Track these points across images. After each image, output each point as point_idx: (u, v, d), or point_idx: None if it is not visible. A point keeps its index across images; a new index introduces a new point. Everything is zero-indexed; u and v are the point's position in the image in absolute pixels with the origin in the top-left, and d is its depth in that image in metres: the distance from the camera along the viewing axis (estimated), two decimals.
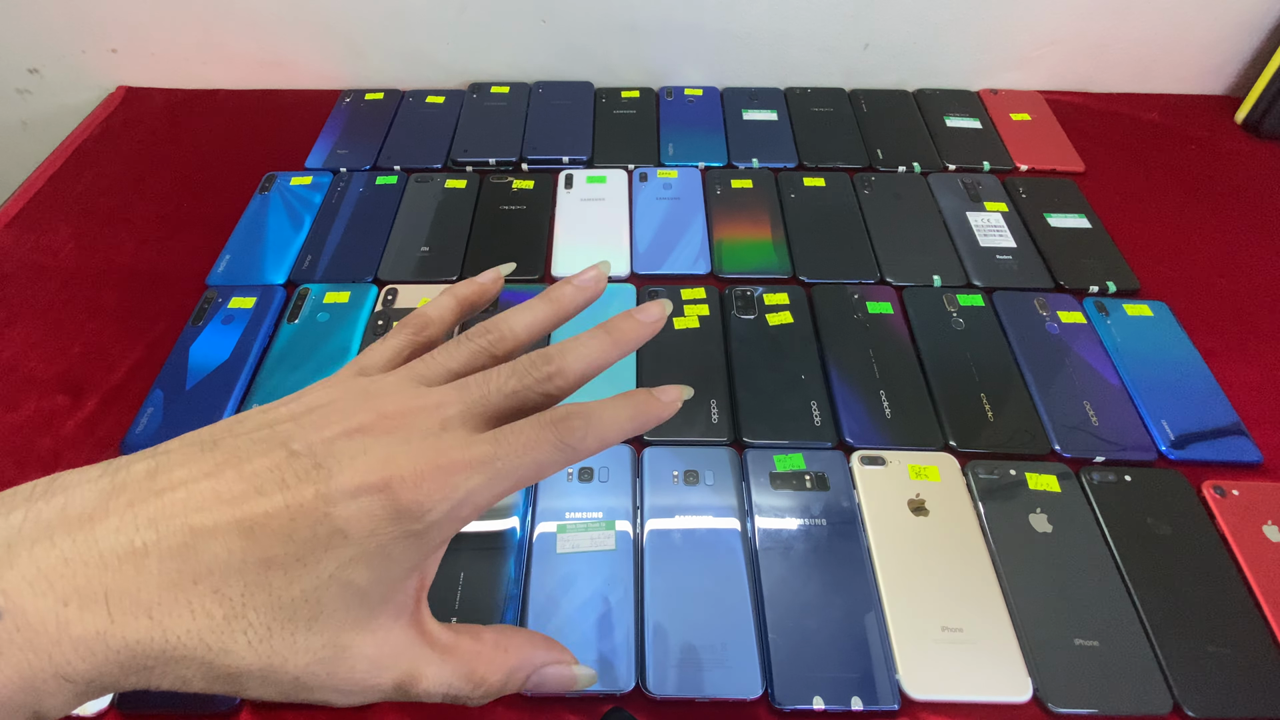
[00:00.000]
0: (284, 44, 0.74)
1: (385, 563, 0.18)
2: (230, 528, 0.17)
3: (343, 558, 0.18)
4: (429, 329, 0.26)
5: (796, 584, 0.41)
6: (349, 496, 0.18)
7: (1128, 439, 0.48)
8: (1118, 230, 0.62)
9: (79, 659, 0.16)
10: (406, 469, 0.18)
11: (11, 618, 0.15)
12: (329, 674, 0.18)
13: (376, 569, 0.18)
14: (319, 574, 0.18)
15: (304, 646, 0.18)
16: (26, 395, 0.50)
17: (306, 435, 0.19)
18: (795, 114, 0.73)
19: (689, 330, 0.53)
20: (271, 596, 0.17)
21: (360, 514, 0.18)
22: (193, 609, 0.17)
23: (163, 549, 0.17)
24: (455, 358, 0.23)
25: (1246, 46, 0.74)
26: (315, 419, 0.19)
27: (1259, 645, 0.39)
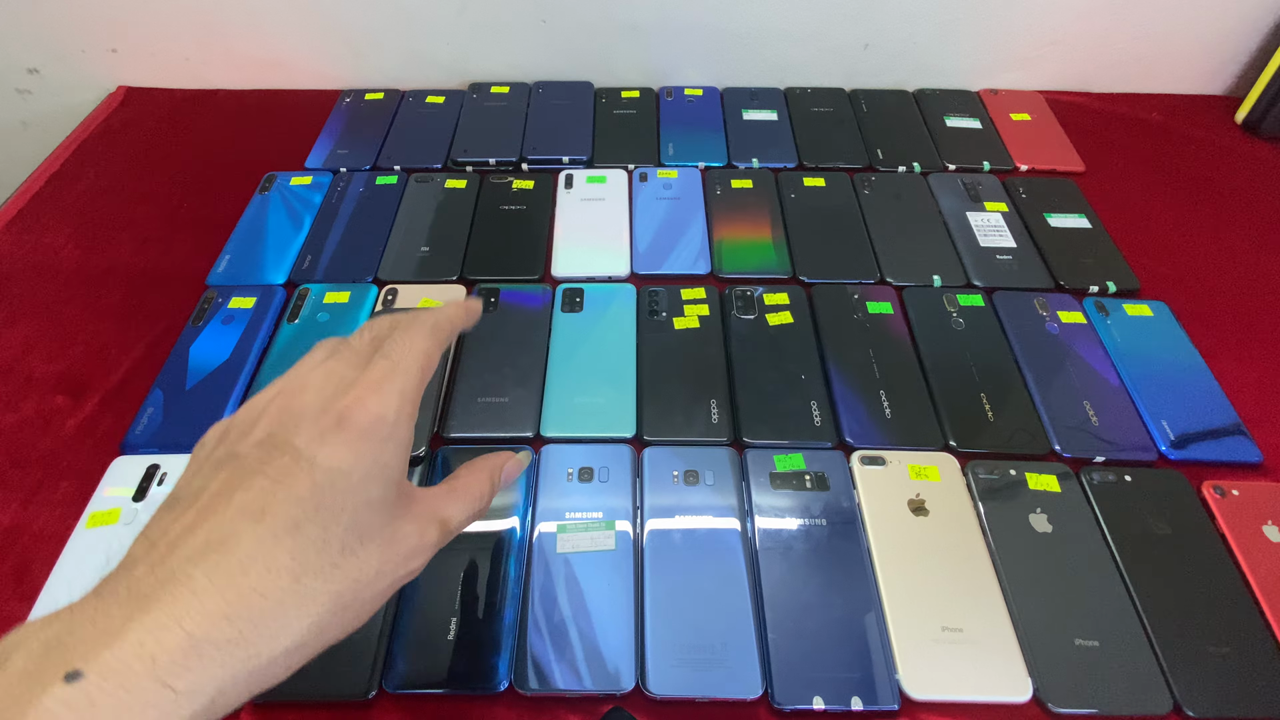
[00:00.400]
0: (284, 44, 0.74)
1: (384, 470, 0.22)
2: (240, 517, 0.20)
3: (353, 481, 0.21)
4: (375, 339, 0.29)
5: (796, 584, 0.41)
6: (318, 443, 0.22)
7: (1128, 439, 0.48)
8: (1118, 230, 0.62)
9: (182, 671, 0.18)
10: (347, 400, 0.23)
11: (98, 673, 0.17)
12: (396, 557, 0.22)
13: (380, 478, 0.22)
14: (344, 506, 0.21)
15: (367, 557, 0.22)
16: (26, 395, 0.50)
17: (258, 426, 0.23)
18: (795, 114, 0.73)
19: (689, 330, 0.53)
20: (318, 548, 0.20)
21: (341, 447, 0.22)
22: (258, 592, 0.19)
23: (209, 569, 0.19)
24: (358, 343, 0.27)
25: (1246, 46, 0.74)
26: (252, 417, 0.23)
27: (1259, 645, 0.39)
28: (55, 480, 0.46)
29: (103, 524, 0.43)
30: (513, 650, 0.38)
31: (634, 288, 0.56)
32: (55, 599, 0.40)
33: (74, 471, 0.46)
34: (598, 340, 0.53)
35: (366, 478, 0.22)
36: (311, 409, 0.22)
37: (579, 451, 0.47)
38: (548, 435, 0.48)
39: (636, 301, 0.55)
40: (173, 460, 0.46)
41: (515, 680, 0.38)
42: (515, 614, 0.40)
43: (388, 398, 0.23)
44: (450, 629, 0.39)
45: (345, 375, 0.24)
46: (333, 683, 0.37)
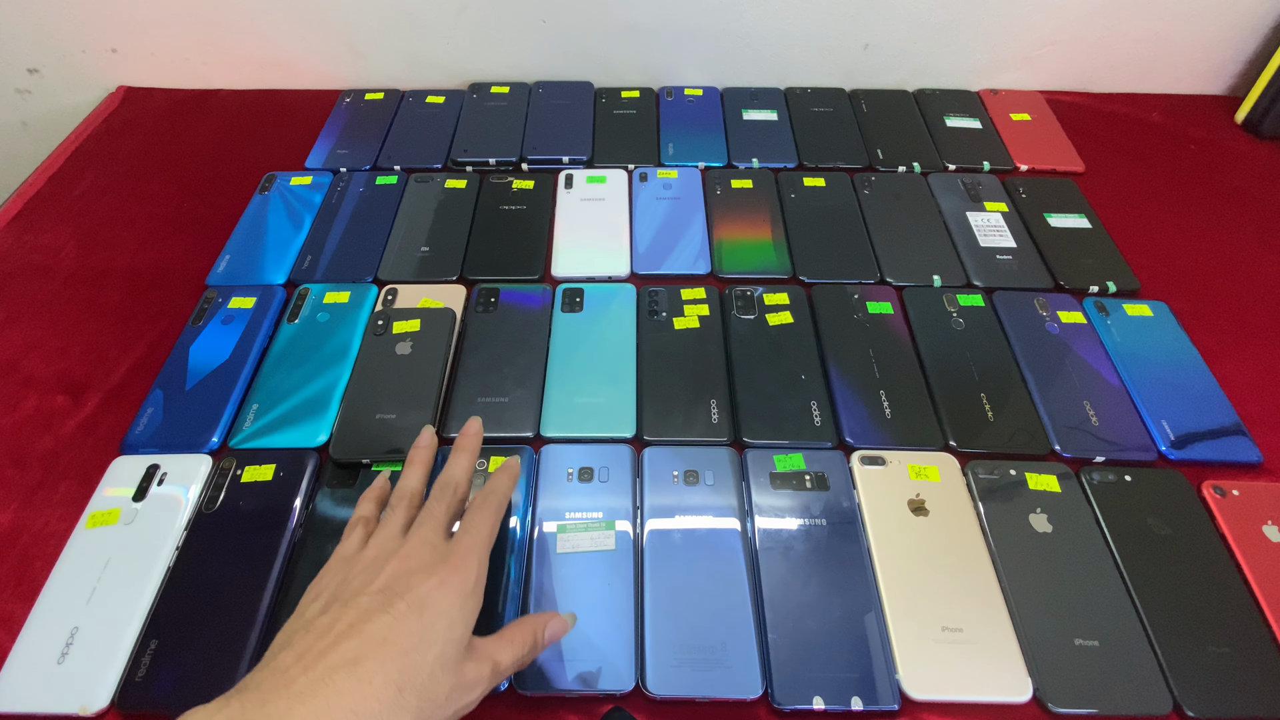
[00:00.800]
0: (284, 44, 0.74)
1: (465, 616, 0.30)
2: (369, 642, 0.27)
3: (447, 624, 0.29)
4: (415, 498, 0.36)
5: (796, 584, 0.41)
6: (426, 596, 0.29)
7: (1128, 439, 0.48)
8: (1118, 230, 0.62)
9: None
10: (446, 569, 0.31)
11: None
12: (461, 687, 0.29)
13: (461, 624, 0.30)
14: (436, 643, 0.28)
15: (443, 682, 0.28)
16: (26, 395, 0.50)
17: (375, 581, 0.30)
18: (795, 114, 0.73)
19: (689, 330, 0.53)
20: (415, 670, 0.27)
21: (441, 600, 0.29)
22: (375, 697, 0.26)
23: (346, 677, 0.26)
24: (436, 519, 0.34)
25: (1246, 46, 0.74)
26: (373, 569, 0.31)
27: (1259, 645, 0.39)
28: (55, 480, 0.46)
29: (103, 524, 0.43)
30: None
31: (634, 288, 0.56)
32: (55, 599, 0.40)
33: (74, 471, 0.46)
34: (598, 340, 0.53)
35: (453, 624, 0.29)
36: (419, 571, 0.30)
37: (579, 451, 0.47)
38: (548, 435, 0.48)
39: (636, 301, 0.55)
40: (173, 460, 0.46)
41: (515, 680, 0.38)
42: (515, 614, 0.40)
43: (470, 568, 0.31)
44: None
45: (437, 545, 0.32)
46: None
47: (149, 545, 0.42)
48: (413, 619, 0.28)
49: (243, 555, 0.42)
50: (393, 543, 0.32)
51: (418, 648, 0.27)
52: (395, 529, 0.33)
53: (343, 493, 0.45)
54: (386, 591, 0.29)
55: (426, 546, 0.31)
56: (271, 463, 0.46)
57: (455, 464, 0.36)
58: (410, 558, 0.31)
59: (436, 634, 0.28)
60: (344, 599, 0.29)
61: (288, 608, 0.40)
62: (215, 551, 0.42)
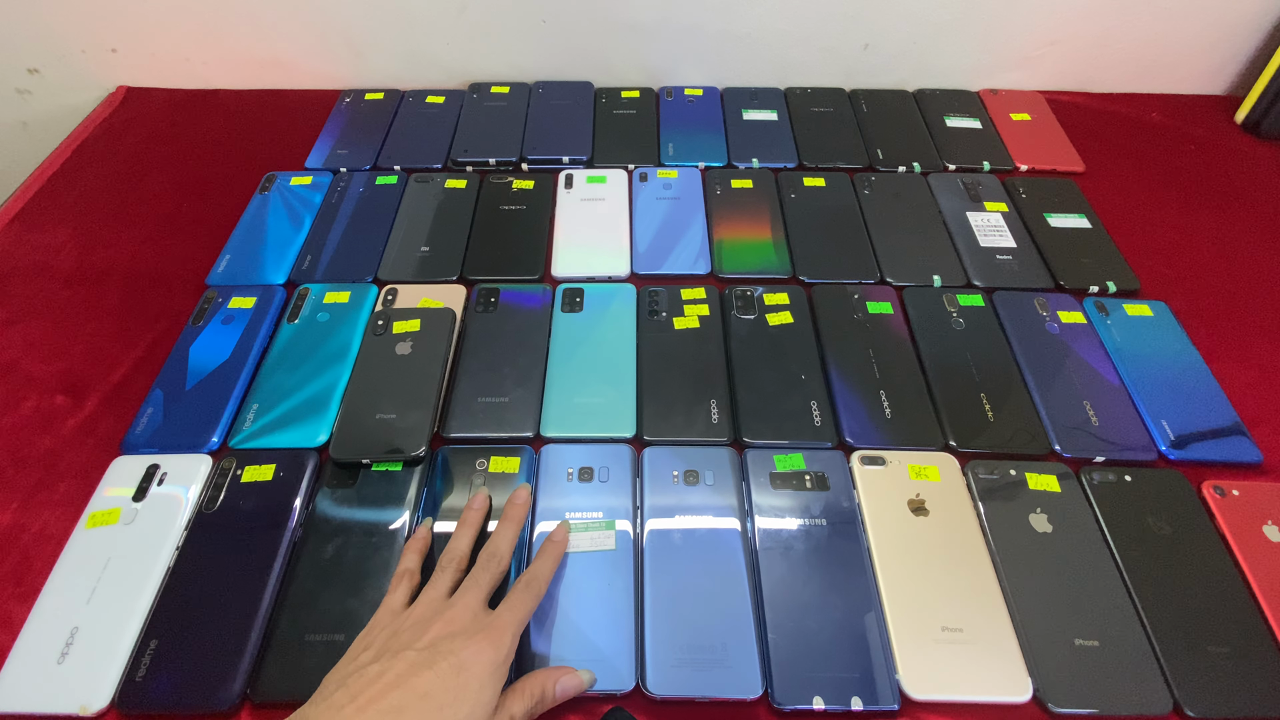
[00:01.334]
0: (284, 44, 0.74)
1: (495, 683, 0.33)
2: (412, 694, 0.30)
3: (478, 687, 0.32)
4: (462, 560, 0.39)
5: (796, 584, 0.41)
6: (465, 658, 0.32)
7: (1128, 439, 0.48)
8: (1118, 230, 0.62)
9: None
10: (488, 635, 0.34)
11: None
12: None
13: (491, 689, 0.33)
14: (470, 699, 0.32)
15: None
16: (26, 395, 0.50)
17: (422, 639, 0.33)
18: (795, 114, 0.73)
19: (689, 330, 0.53)
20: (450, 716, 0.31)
21: (478, 665, 0.32)
22: None
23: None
24: (481, 587, 0.37)
25: (1246, 46, 0.74)
26: (421, 628, 0.34)
27: (1259, 645, 0.39)
28: (55, 480, 0.46)
29: (103, 524, 0.43)
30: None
31: (634, 288, 0.56)
32: (55, 599, 0.40)
33: (74, 471, 0.46)
34: (598, 340, 0.53)
35: (483, 687, 0.32)
36: (462, 633, 0.33)
37: (579, 451, 0.47)
38: (548, 435, 0.48)
39: (636, 301, 0.55)
40: (173, 460, 0.46)
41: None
42: None
43: (506, 641, 0.34)
44: None
45: (479, 615, 0.35)
46: None
47: (149, 545, 0.42)
48: (451, 678, 0.31)
49: (243, 555, 0.42)
50: (439, 604, 0.36)
51: (452, 704, 0.31)
52: (443, 591, 0.37)
53: (343, 493, 0.45)
54: (431, 650, 0.32)
55: (469, 613, 0.35)
56: (271, 463, 0.46)
57: (501, 536, 0.40)
58: (454, 621, 0.34)
59: (469, 694, 0.32)
60: (393, 651, 0.33)
61: (288, 607, 0.40)
62: (215, 551, 0.42)
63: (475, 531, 0.41)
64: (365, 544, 0.42)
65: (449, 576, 0.37)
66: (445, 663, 0.32)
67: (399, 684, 0.31)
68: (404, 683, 0.31)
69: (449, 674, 0.31)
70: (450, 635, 0.33)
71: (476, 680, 0.32)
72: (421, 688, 0.31)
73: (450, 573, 0.38)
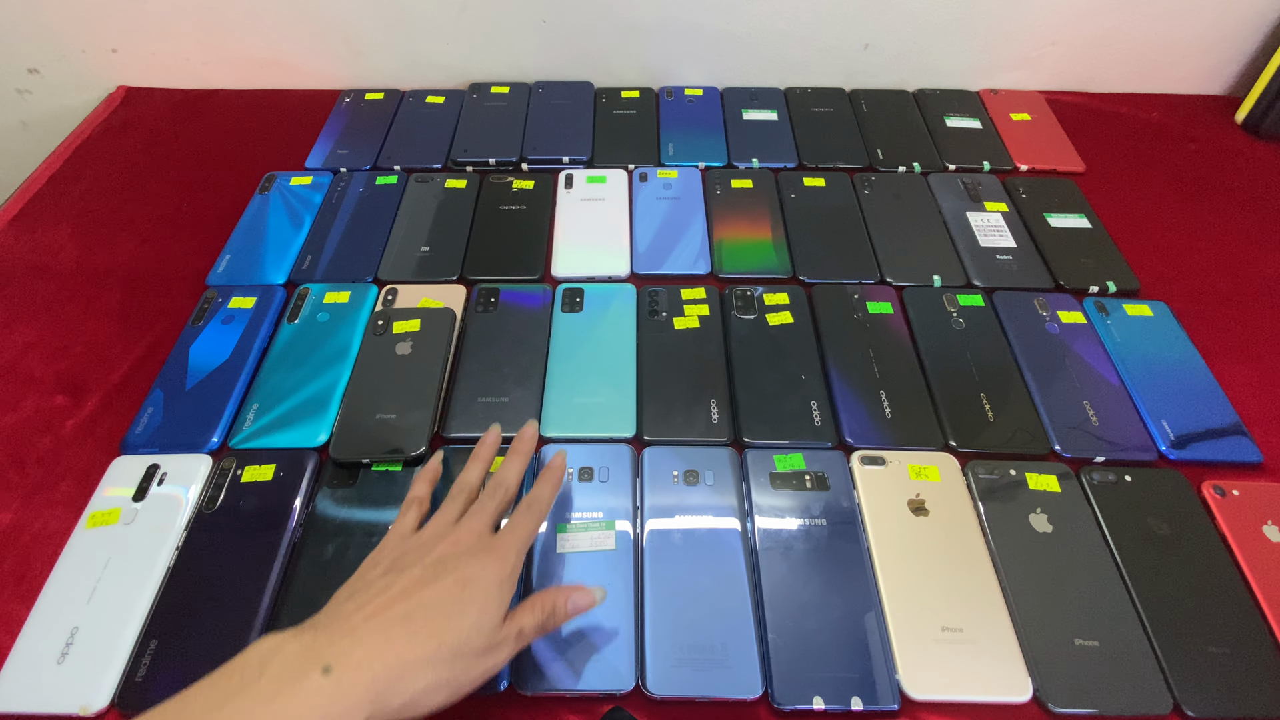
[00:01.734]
0: (284, 44, 0.74)
1: (501, 597, 0.34)
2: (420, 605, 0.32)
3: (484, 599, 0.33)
4: (473, 491, 0.39)
5: (796, 584, 0.41)
6: (472, 572, 0.33)
7: (1128, 439, 0.48)
8: (1118, 230, 0.62)
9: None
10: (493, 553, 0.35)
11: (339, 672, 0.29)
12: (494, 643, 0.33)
13: (496, 601, 0.33)
14: (477, 609, 0.33)
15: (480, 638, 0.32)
16: (26, 395, 0.50)
17: (429, 557, 0.34)
18: (795, 114, 0.73)
19: (689, 330, 0.53)
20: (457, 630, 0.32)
21: (482, 577, 0.33)
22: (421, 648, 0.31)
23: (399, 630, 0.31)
24: (487, 513, 0.37)
25: (1246, 46, 0.74)
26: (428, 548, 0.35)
27: (1259, 645, 0.39)
28: (55, 480, 0.46)
29: (103, 524, 0.43)
30: None
31: (634, 288, 0.56)
32: (55, 599, 0.40)
33: (74, 471, 0.46)
34: (598, 340, 0.53)
35: (489, 599, 0.33)
36: (467, 552, 0.34)
37: (579, 451, 0.47)
38: (548, 435, 0.48)
39: (636, 301, 0.55)
40: (173, 460, 0.46)
41: (515, 680, 0.38)
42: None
43: (510, 558, 0.35)
44: None
45: (484, 536, 0.36)
46: None
47: (149, 545, 0.42)
48: (457, 591, 0.32)
49: (243, 555, 0.42)
50: (446, 528, 0.36)
51: (458, 615, 0.32)
52: (450, 517, 0.37)
53: (343, 493, 0.45)
54: (437, 565, 0.33)
55: (474, 535, 0.36)
56: (271, 463, 0.46)
57: (508, 466, 0.40)
58: (459, 543, 0.35)
59: (474, 605, 0.32)
60: (400, 568, 0.33)
61: (288, 607, 0.40)
62: (215, 551, 0.42)
63: (486, 465, 0.41)
64: (365, 544, 0.42)
65: (458, 504, 0.38)
66: (450, 577, 0.33)
67: (405, 596, 0.32)
68: (411, 595, 0.32)
69: (454, 587, 0.32)
70: (455, 554, 0.34)
71: (481, 592, 0.33)
72: (428, 599, 0.32)
73: (460, 501, 0.38)
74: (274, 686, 0.27)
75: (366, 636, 0.30)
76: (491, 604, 0.33)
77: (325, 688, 0.28)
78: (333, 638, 0.30)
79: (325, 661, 0.28)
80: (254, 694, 0.27)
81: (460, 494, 0.39)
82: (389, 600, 0.31)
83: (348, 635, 0.30)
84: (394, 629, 0.30)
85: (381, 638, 0.30)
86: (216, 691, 0.28)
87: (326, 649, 0.29)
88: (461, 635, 0.31)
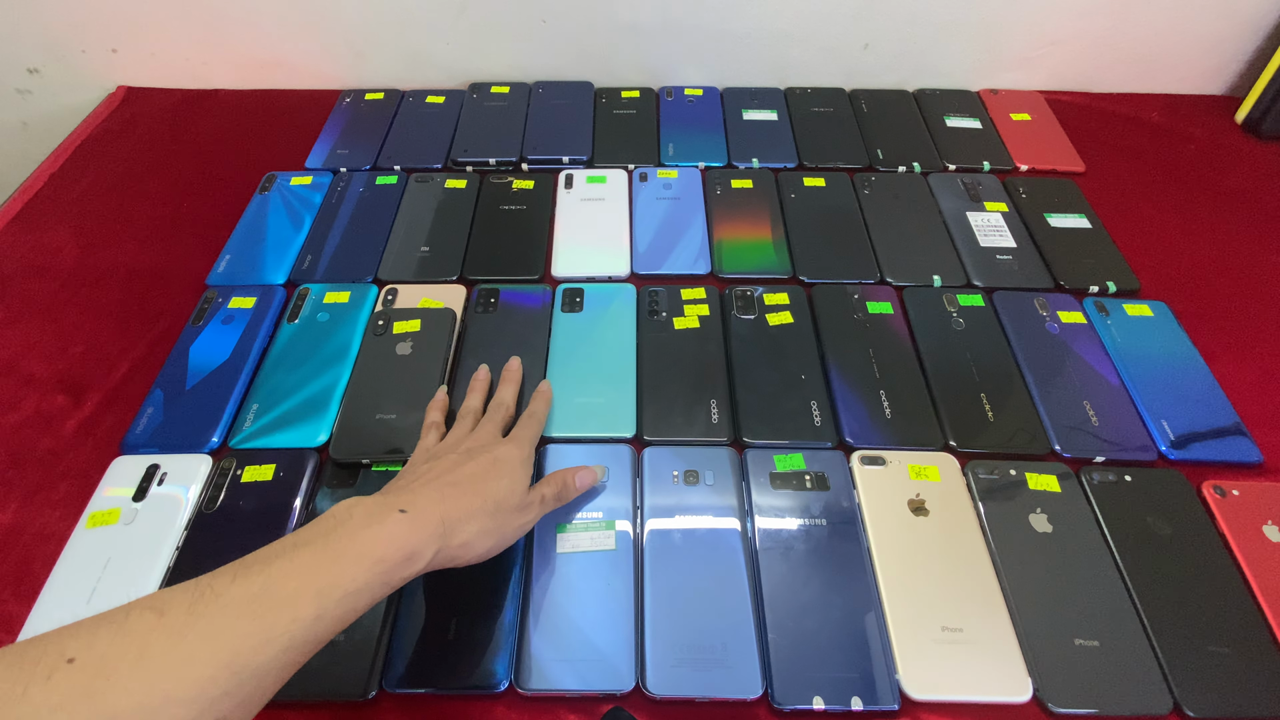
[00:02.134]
0: (284, 44, 0.74)
1: (524, 471, 0.41)
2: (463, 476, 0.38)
3: (511, 469, 0.40)
4: (477, 413, 0.46)
5: (796, 584, 0.41)
6: (499, 451, 0.40)
7: (1128, 439, 0.48)
8: (1118, 230, 0.62)
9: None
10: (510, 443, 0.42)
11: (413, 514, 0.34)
12: (524, 504, 0.39)
13: (522, 472, 0.40)
14: (508, 476, 0.39)
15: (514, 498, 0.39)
16: (26, 395, 0.50)
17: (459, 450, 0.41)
18: (795, 114, 0.73)
19: (689, 330, 0.53)
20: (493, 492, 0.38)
21: (507, 455, 0.40)
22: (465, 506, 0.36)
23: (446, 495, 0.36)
24: (495, 421, 0.45)
25: (1246, 47, 0.74)
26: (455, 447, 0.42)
27: (1259, 645, 0.39)
28: (55, 480, 0.46)
29: (103, 524, 0.43)
30: (513, 650, 0.38)
31: (634, 288, 0.56)
32: (55, 599, 0.40)
33: (74, 471, 0.46)
34: (598, 340, 0.53)
35: (515, 469, 0.40)
36: (491, 442, 0.42)
37: (579, 451, 0.47)
38: (548, 435, 0.48)
39: (636, 301, 0.55)
40: (173, 460, 0.46)
41: (515, 680, 0.38)
42: (515, 614, 0.40)
43: (525, 445, 0.42)
44: (450, 629, 0.39)
45: (497, 435, 0.44)
46: (333, 683, 0.37)
47: (149, 545, 0.42)
48: (490, 465, 0.39)
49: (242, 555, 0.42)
50: (464, 436, 0.43)
51: (495, 480, 0.38)
52: (465, 429, 0.44)
53: (343, 493, 0.45)
54: (468, 453, 0.40)
55: (490, 435, 0.43)
56: (271, 463, 0.46)
57: (504, 391, 0.47)
58: (480, 439, 0.42)
59: (507, 474, 0.39)
60: (437, 458, 0.40)
61: None
62: (215, 551, 0.42)
63: (484, 393, 0.48)
64: None
65: (468, 421, 0.45)
66: (484, 456, 0.39)
67: (450, 470, 0.38)
68: (454, 470, 0.38)
69: (488, 463, 0.39)
70: (481, 445, 0.41)
71: (509, 466, 0.39)
72: (469, 470, 0.38)
73: (469, 420, 0.45)
74: (363, 522, 0.32)
75: (428, 494, 0.36)
76: (519, 474, 0.40)
77: (404, 522, 0.33)
78: (401, 495, 0.35)
79: (401, 506, 0.34)
80: (348, 528, 0.32)
81: (467, 415, 0.45)
82: (438, 474, 0.38)
83: (413, 493, 0.36)
84: (447, 490, 0.36)
85: (439, 494, 0.36)
86: (316, 529, 0.32)
87: (399, 500, 0.34)
88: (500, 494, 0.38)
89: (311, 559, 0.30)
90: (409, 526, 0.33)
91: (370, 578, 0.31)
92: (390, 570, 0.32)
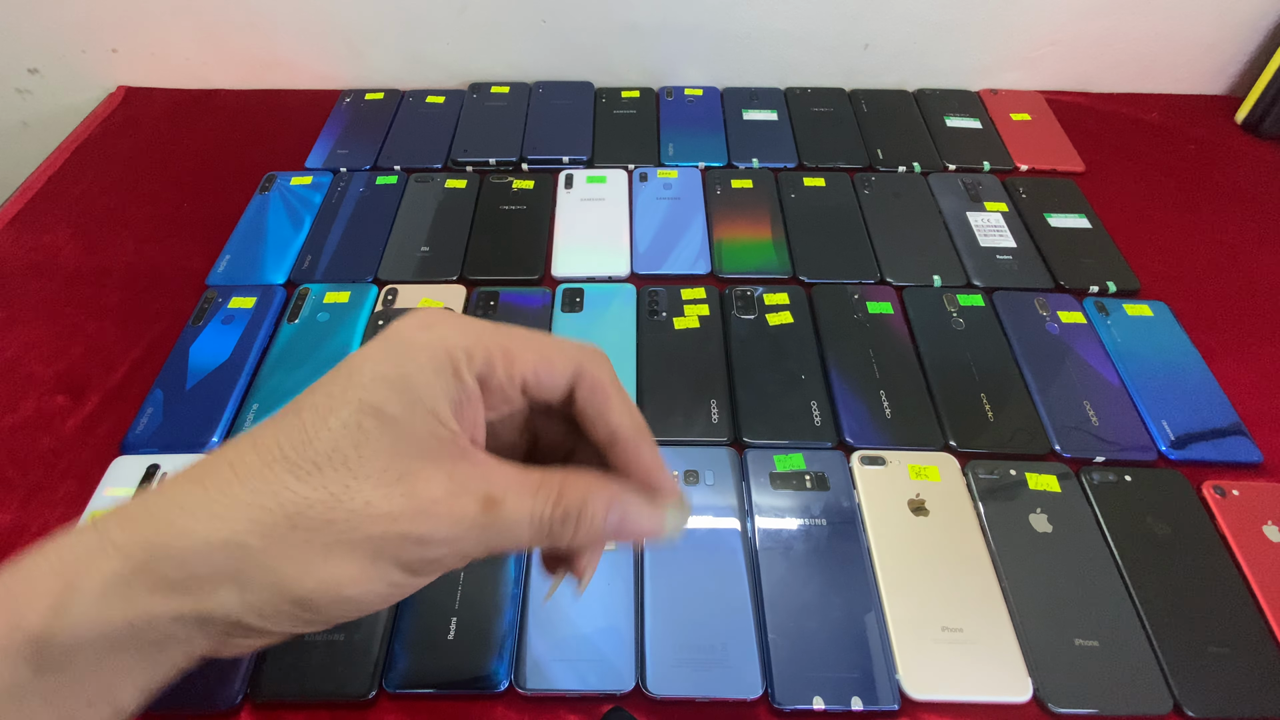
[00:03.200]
0: (284, 44, 0.74)
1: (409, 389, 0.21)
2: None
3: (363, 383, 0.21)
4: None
5: (796, 584, 0.41)
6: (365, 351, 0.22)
7: (1128, 439, 0.48)
8: (1118, 230, 0.62)
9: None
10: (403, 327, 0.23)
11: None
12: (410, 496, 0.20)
13: (402, 396, 0.21)
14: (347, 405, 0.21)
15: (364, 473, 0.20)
16: (26, 395, 0.50)
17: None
18: (795, 114, 0.73)
19: (689, 330, 0.53)
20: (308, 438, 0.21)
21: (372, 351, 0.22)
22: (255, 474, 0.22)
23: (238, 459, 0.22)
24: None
25: (1246, 47, 0.74)
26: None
27: (1259, 645, 0.39)
28: (55, 480, 0.46)
29: None
30: (513, 650, 0.38)
31: (634, 288, 0.56)
32: None
33: (74, 471, 0.46)
34: (598, 340, 0.52)
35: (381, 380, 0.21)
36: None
37: None
38: None
39: (636, 301, 0.55)
40: (173, 460, 0.46)
41: (515, 680, 0.38)
42: (515, 614, 0.40)
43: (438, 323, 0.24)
44: (450, 629, 0.39)
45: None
46: (333, 683, 0.37)
47: None
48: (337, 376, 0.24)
49: None
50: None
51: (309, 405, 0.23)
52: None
53: None
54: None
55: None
56: None
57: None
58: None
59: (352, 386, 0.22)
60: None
61: None
62: None
63: None
64: None
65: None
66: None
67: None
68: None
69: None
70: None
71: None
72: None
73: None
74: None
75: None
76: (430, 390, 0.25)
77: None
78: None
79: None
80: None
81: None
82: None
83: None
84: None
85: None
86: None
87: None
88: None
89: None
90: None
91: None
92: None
